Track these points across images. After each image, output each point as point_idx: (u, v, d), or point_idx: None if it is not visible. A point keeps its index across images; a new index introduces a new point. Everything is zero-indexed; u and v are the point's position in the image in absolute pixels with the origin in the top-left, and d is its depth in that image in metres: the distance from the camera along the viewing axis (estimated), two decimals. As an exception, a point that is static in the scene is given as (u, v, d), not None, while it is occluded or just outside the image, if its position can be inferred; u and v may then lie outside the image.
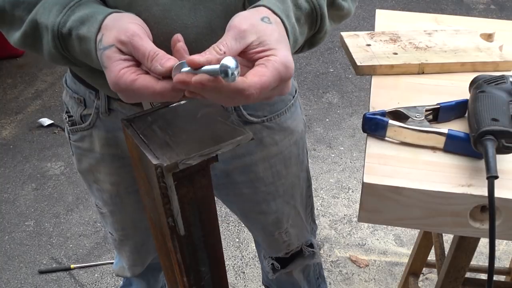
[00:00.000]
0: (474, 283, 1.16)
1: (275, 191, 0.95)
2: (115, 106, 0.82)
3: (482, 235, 0.64)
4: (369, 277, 1.80)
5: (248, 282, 1.79)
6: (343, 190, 2.17)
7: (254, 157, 0.90)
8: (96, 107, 0.83)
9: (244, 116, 0.84)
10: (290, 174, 0.96)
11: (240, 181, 0.93)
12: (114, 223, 1.02)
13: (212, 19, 0.67)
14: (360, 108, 2.70)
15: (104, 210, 1.00)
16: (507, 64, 0.85)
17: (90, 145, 0.88)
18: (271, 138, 0.89)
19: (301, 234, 1.08)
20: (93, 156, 0.89)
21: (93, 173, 0.92)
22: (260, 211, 0.98)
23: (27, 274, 1.85)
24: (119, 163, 0.89)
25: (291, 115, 0.91)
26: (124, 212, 0.98)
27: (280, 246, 1.07)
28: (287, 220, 1.02)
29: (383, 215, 0.65)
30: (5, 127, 2.64)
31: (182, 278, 0.72)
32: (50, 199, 2.18)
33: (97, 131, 0.85)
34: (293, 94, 0.92)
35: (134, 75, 0.56)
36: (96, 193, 0.97)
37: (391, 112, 0.71)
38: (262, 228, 1.03)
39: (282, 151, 0.92)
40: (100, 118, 0.84)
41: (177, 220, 0.64)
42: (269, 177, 0.93)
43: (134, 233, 1.04)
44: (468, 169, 0.64)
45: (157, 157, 0.59)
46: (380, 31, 0.96)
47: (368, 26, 3.47)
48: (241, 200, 0.97)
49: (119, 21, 0.59)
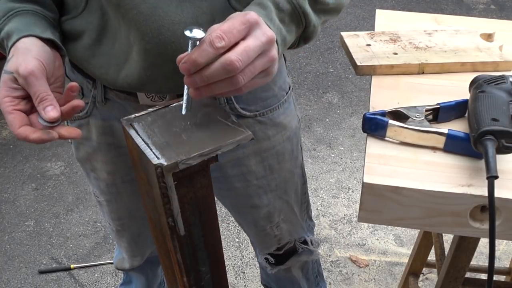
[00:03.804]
0: (474, 283, 1.15)
1: (266, 185, 0.96)
2: (110, 96, 0.84)
3: (482, 235, 0.64)
4: (369, 277, 1.80)
5: (248, 282, 1.79)
6: (343, 190, 2.17)
7: (246, 151, 0.91)
8: (93, 96, 0.85)
9: (237, 110, 0.85)
10: (283, 169, 0.97)
11: (232, 175, 0.93)
12: (111, 212, 1.04)
13: (198, 15, 0.70)
14: (360, 108, 2.70)
15: (101, 198, 1.02)
16: (507, 64, 0.85)
17: (87, 133, 0.90)
18: (264, 132, 0.90)
19: (294, 230, 1.09)
20: (90, 144, 0.91)
21: (90, 161, 0.95)
22: (252, 205, 0.99)
23: (27, 274, 1.85)
24: (115, 152, 0.91)
25: (284, 111, 0.92)
26: (120, 201, 1.00)
27: (271, 240, 1.08)
28: (278, 214, 1.02)
29: (383, 215, 0.65)
30: (5, 127, 2.64)
31: (182, 278, 0.72)
32: (50, 199, 2.18)
33: (94, 120, 0.88)
34: (287, 90, 0.93)
35: (11, 107, 0.62)
36: (93, 181, 0.99)
37: (391, 112, 0.71)
38: (254, 223, 1.04)
39: (274, 146, 0.92)
40: (96, 107, 0.86)
41: (177, 220, 0.64)
42: (260, 170, 0.94)
43: (130, 223, 1.06)
44: (468, 169, 0.64)
45: (157, 157, 0.59)
46: (380, 31, 0.96)
47: (368, 26, 3.47)
48: (234, 194, 0.98)
49: (27, 50, 0.65)
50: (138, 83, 0.76)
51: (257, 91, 0.86)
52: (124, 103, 0.83)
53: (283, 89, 0.91)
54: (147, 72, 0.74)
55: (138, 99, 0.81)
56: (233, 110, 0.85)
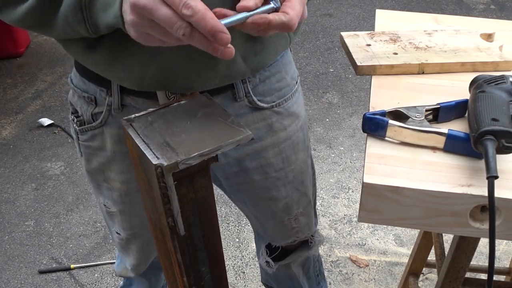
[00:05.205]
0: (474, 283, 1.16)
1: (285, 177, 0.97)
2: (128, 102, 0.83)
3: (482, 235, 0.64)
4: (369, 277, 1.80)
5: (248, 282, 1.79)
6: (343, 190, 2.17)
7: (265, 143, 0.92)
8: (108, 104, 0.83)
9: (255, 102, 0.87)
10: (299, 160, 0.98)
11: (251, 167, 0.94)
12: (122, 222, 1.02)
13: None
14: (360, 108, 2.70)
15: (113, 209, 1.00)
16: (507, 64, 0.85)
17: (101, 144, 0.89)
18: (280, 123, 0.91)
19: (311, 224, 1.10)
20: (104, 154, 0.90)
21: (103, 172, 0.93)
22: (271, 197, 0.99)
23: (27, 274, 1.85)
24: (130, 160, 0.89)
25: (296, 100, 0.95)
26: (133, 210, 0.98)
27: (289, 232, 1.08)
28: (297, 207, 1.03)
29: (383, 215, 0.65)
30: (5, 127, 2.64)
31: (182, 278, 0.72)
32: (50, 199, 2.18)
33: (109, 129, 0.86)
34: (296, 79, 0.96)
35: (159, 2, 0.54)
36: (105, 192, 0.97)
37: (391, 112, 0.71)
38: (272, 215, 1.04)
39: (290, 136, 0.94)
40: (112, 115, 0.85)
41: (177, 220, 0.64)
42: (279, 163, 0.95)
43: (142, 232, 1.04)
44: (468, 169, 0.64)
45: (157, 157, 0.59)
46: (380, 31, 0.96)
47: (368, 26, 3.47)
48: (252, 187, 0.98)
49: None
50: (169, 78, 0.74)
51: (272, 82, 0.88)
52: (142, 108, 0.81)
53: (293, 78, 0.94)
54: (181, 65, 0.73)
55: (157, 101, 0.80)
56: (251, 103, 0.86)
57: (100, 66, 0.77)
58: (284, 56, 0.91)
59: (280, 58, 0.90)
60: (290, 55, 0.96)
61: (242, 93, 0.85)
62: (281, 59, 0.90)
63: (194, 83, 0.76)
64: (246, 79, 0.84)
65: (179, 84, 0.76)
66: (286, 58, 0.92)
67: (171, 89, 0.78)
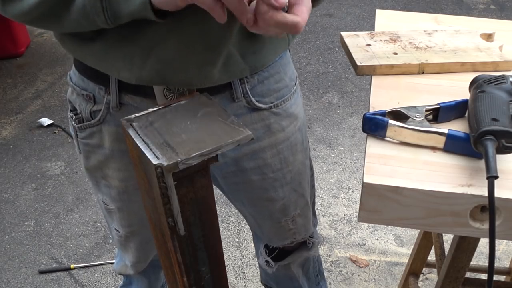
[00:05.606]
0: (474, 283, 1.16)
1: (282, 178, 0.97)
2: (126, 100, 0.83)
3: (482, 235, 0.64)
4: (369, 277, 1.80)
5: (248, 282, 1.79)
6: (343, 190, 2.17)
7: (263, 143, 0.92)
8: (106, 103, 0.83)
9: (253, 103, 0.87)
10: (297, 161, 0.98)
11: (249, 168, 0.94)
12: (121, 219, 1.02)
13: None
14: (360, 108, 2.70)
15: (111, 206, 1.00)
16: (507, 64, 0.85)
17: (99, 141, 0.89)
18: (278, 124, 0.91)
19: (308, 225, 1.10)
20: (102, 152, 0.90)
21: (101, 169, 0.93)
22: (268, 198, 0.99)
23: (27, 274, 1.85)
24: (129, 158, 0.89)
25: (295, 101, 0.95)
26: (132, 208, 0.99)
27: (285, 233, 1.08)
28: (294, 208, 1.03)
29: (383, 215, 0.65)
30: (5, 127, 2.64)
31: (182, 278, 0.72)
32: (50, 199, 2.18)
33: (107, 126, 0.86)
34: (295, 81, 0.96)
35: None
36: (104, 189, 0.98)
37: (391, 112, 0.71)
38: (269, 215, 1.04)
39: (288, 137, 0.94)
40: (110, 113, 0.85)
41: (177, 220, 0.64)
42: (276, 163, 0.95)
43: (140, 230, 1.05)
44: (468, 169, 0.64)
45: (157, 157, 0.59)
46: (380, 31, 0.96)
47: (368, 26, 3.48)
48: (250, 187, 0.98)
49: None
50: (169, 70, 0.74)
51: (270, 83, 0.88)
52: (140, 107, 0.81)
53: (292, 79, 0.94)
54: (182, 57, 0.72)
55: (155, 100, 0.80)
56: (250, 104, 0.86)
57: (98, 57, 0.76)
58: (283, 57, 0.91)
59: (279, 59, 0.90)
60: (289, 56, 0.96)
61: (240, 93, 0.85)
62: (280, 60, 0.90)
63: (193, 79, 0.76)
64: (244, 80, 0.84)
65: (178, 77, 0.75)
66: (285, 59, 0.92)
67: (170, 83, 0.77)
